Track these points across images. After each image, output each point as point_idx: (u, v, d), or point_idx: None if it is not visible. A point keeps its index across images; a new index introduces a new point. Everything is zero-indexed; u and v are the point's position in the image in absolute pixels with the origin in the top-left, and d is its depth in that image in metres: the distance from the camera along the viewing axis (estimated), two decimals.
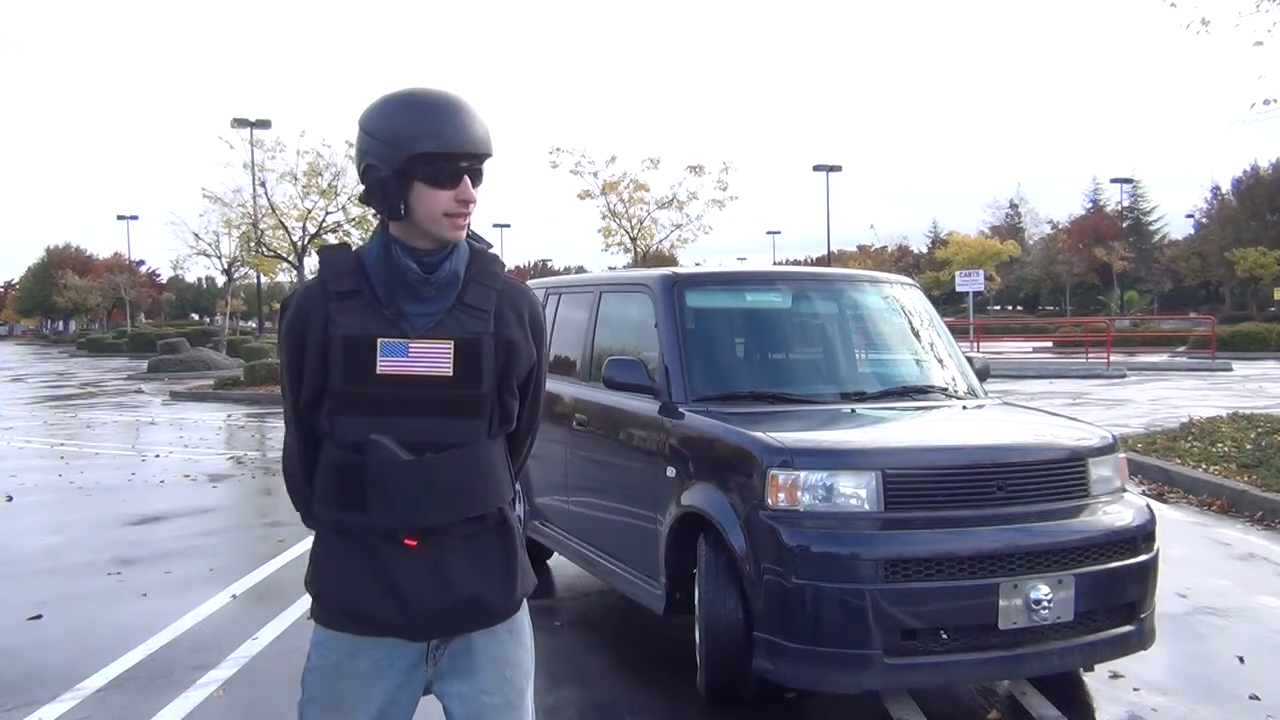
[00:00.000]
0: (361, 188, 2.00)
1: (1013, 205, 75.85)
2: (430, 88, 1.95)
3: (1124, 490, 4.32)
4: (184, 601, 5.75)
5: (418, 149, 1.88)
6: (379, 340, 1.91)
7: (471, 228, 2.04)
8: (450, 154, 1.89)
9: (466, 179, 1.92)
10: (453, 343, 1.93)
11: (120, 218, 61.44)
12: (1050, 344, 33.47)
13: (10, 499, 9.32)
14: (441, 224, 1.93)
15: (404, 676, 2.00)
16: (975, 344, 27.88)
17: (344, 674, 1.99)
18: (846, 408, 4.59)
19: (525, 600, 2.11)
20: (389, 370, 1.91)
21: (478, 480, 1.97)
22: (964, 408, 4.82)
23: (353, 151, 2.03)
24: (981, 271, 34.56)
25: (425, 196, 1.91)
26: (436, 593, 1.95)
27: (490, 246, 2.07)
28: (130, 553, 7.10)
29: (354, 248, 2.03)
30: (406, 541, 1.92)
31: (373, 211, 2.05)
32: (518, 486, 2.18)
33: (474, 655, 2.03)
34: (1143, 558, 4.08)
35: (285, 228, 27.74)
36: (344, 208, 26.97)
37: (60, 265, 76.53)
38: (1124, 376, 22.55)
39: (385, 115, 1.92)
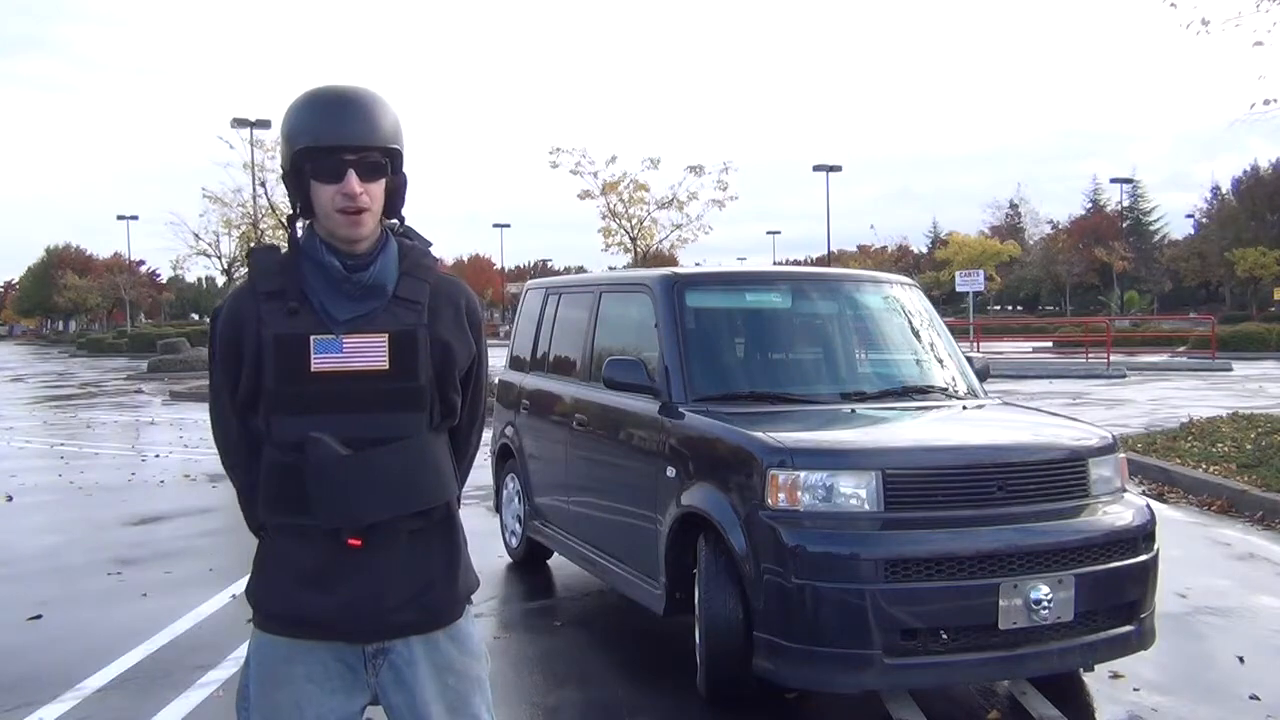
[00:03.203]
0: None
1: (1013, 205, 75.79)
2: (333, 85, 1.93)
3: (1124, 490, 4.32)
4: (184, 601, 5.75)
5: (299, 144, 1.88)
6: (311, 337, 1.88)
7: (407, 224, 2.01)
8: (328, 147, 1.86)
9: (351, 172, 1.87)
10: (387, 335, 1.91)
11: (120, 218, 61.50)
12: (1050, 344, 33.43)
13: (10, 499, 9.32)
14: (335, 220, 1.90)
15: (340, 683, 1.95)
16: (975, 344, 27.86)
17: (279, 681, 1.94)
18: (846, 408, 4.59)
19: (469, 607, 2.06)
20: (324, 367, 1.88)
21: (420, 473, 1.93)
22: (964, 408, 4.82)
23: None
24: (981, 271, 34.52)
25: (316, 192, 1.90)
26: (377, 591, 1.91)
27: (429, 245, 2.04)
28: (130, 553, 7.11)
29: (283, 248, 2.01)
30: (350, 542, 1.88)
31: None
32: (463, 488, 2.15)
33: (414, 665, 1.98)
34: (1143, 558, 4.08)
35: (285, 228, 27.71)
36: None
37: (60, 265, 76.54)
38: (1124, 376, 22.53)
39: (286, 115, 1.93)
